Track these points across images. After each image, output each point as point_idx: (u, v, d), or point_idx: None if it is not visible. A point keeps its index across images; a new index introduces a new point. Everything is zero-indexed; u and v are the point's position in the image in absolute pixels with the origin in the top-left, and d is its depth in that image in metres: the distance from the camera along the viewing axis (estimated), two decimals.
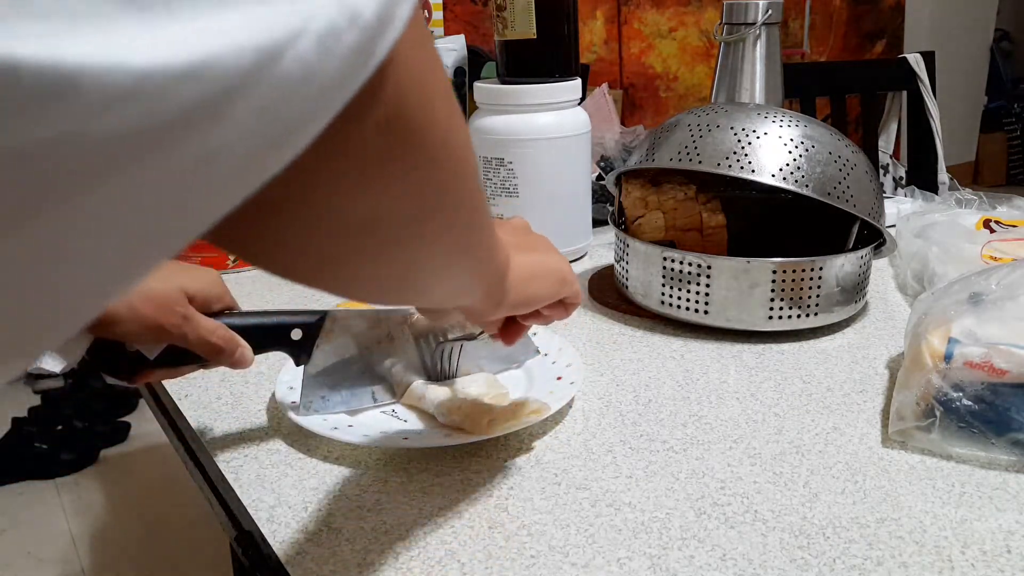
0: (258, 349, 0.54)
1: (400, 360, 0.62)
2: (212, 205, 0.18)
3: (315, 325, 0.58)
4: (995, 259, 0.79)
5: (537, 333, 0.71)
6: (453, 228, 0.32)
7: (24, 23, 0.13)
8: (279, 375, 0.63)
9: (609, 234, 0.93)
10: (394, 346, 0.62)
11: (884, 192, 0.91)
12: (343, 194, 0.24)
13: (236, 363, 0.52)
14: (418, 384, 0.61)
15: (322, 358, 0.58)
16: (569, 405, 0.62)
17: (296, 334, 0.57)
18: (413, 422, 0.59)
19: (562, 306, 0.51)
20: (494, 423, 0.55)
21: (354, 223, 0.26)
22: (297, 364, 0.58)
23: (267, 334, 0.55)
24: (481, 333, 0.62)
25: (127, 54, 0.14)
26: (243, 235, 0.24)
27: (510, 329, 0.52)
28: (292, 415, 0.57)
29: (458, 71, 1.03)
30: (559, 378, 0.63)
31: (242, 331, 0.52)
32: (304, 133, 0.19)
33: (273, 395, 0.64)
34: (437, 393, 0.59)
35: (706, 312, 0.73)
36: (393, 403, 0.62)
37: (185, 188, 0.17)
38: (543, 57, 0.94)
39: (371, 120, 0.21)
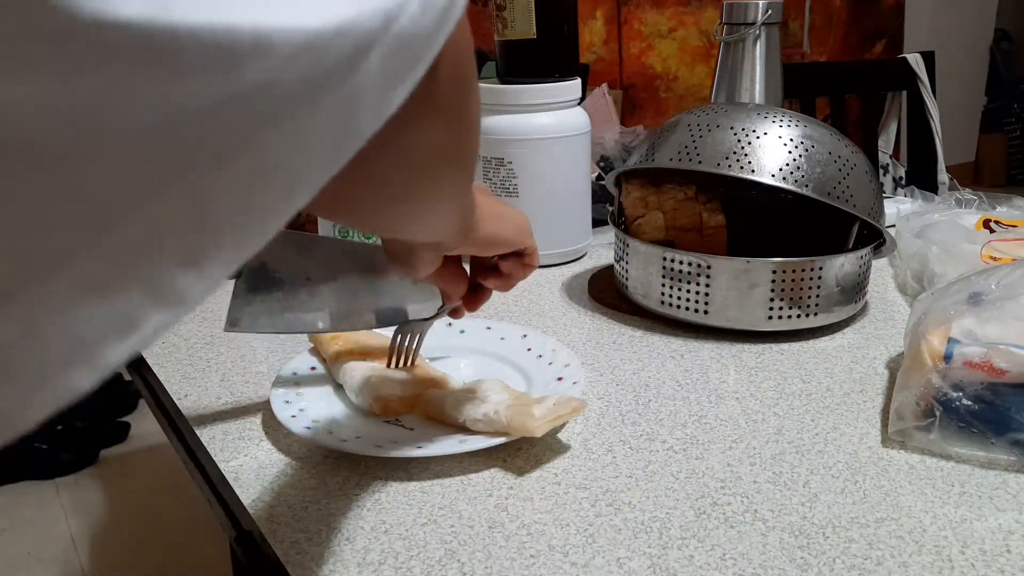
0: None
1: (345, 288, 0.60)
2: (355, 137, 0.23)
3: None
4: (995, 259, 0.79)
5: (528, 335, 0.70)
6: (472, 162, 0.38)
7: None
8: (272, 385, 0.63)
9: (609, 234, 0.93)
10: (351, 279, 0.60)
11: (884, 192, 0.91)
12: (420, 132, 0.30)
13: None
14: (436, 394, 0.60)
15: (262, 274, 0.55)
16: None
17: None
18: (421, 430, 0.58)
19: (521, 263, 0.55)
20: (538, 424, 0.54)
21: (420, 158, 0.32)
22: (231, 276, 0.56)
23: None
24: (441, 309, 0.61)
25: (301, 18, 0.18)
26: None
27: (473, 298, 0.57)
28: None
29: None
30: (560, 379, 0.63)
31: None
32: (414, 74, 0.24)
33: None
34: (465, 403, 0.57)
35: (706, 312, 0.73)
36: (395, 419, 0.60)
37: (339, 123, 0.21)
38: (543, 57, 0.94)
39: (444, 71, 0.26)
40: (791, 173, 0.70)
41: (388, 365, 0.63)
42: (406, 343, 0.63)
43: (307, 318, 0.59)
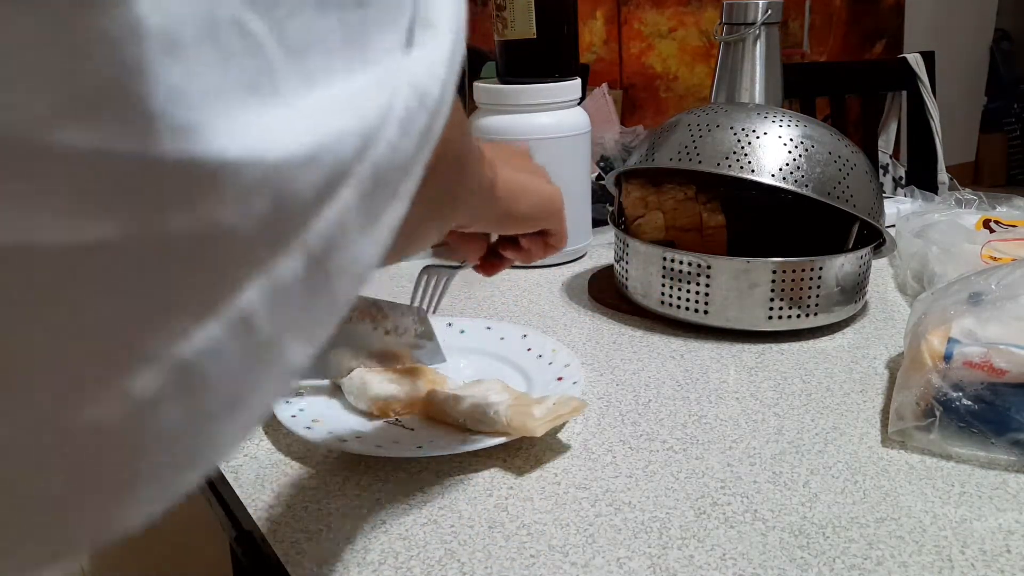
0: None
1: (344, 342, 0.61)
2: (329, 309, 0.18)
3: None
4: (995, 259, 0.79)
5: (528, 335, 0.70)
6: (464, 194, 0.39)
7: (175, 113, 0.13)
8: None
9: (609, 234, 0.93)
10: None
11: (884, 192, 0.91)
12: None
13: None
14: (436, 394, 0.60)
15: None
16: None
17: None
18: (421, 430, 0.58)
19: (543, 241, 0.51)
20: (538, 424, 0.54)
21: (408, 224, 0.31)
22: None
23: None
24: (463, 263, 0.59)
25: (260, 147, 0.14)
26: None
27: (490, 263, 0.53)
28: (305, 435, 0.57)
29: None
30: (560, 379, 0.63)
31: None
32: (393, 210, 0.19)
33: None
34: (465, 403, 0.57)
35: (706, 312, 0.73)
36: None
37: (305, 295, 0.17)
38: (543, 57, 0.94)
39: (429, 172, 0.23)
40: (791, 173, 0.70)
41: (412, 302, 0.63)
42: (431, 287, 0.62)
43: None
